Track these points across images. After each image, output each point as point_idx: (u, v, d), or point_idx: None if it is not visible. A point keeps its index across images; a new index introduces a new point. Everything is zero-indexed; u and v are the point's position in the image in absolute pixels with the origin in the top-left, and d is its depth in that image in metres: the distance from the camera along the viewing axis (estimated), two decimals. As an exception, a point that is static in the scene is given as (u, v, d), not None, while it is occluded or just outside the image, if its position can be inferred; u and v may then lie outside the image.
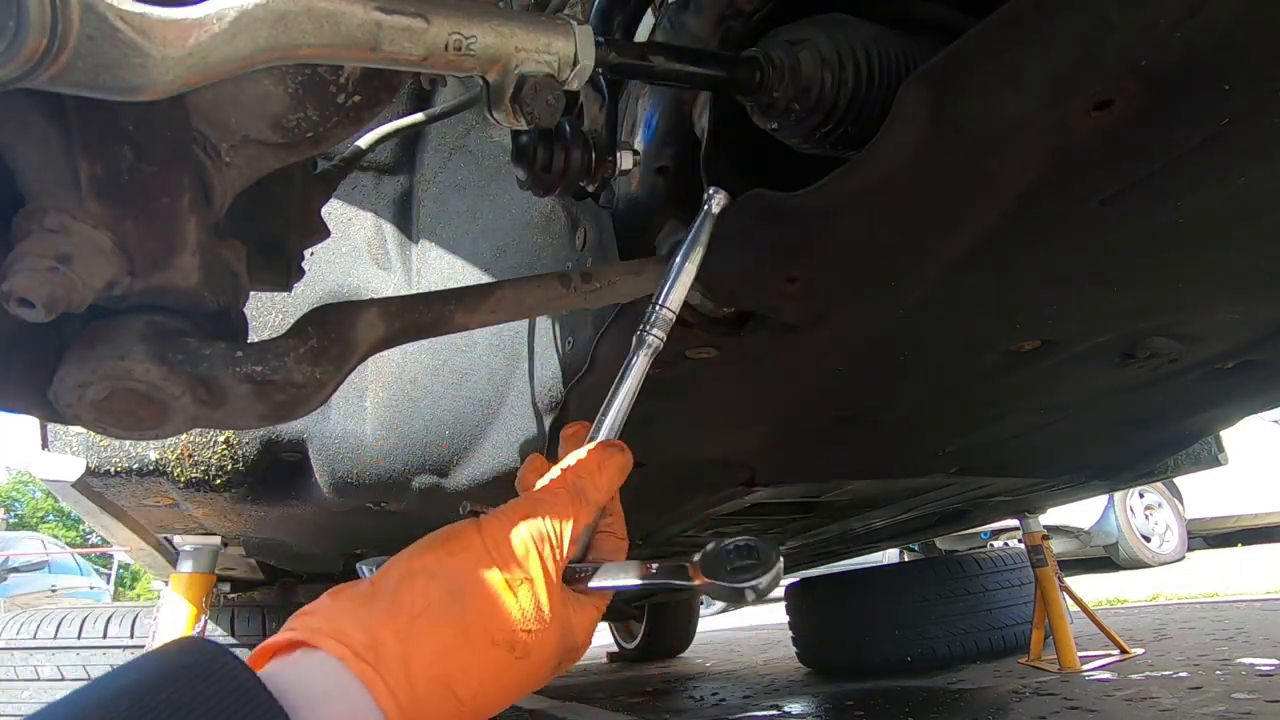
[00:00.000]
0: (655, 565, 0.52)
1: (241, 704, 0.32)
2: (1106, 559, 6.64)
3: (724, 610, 9.68)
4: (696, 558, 0.51)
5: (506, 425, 1.27)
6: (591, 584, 0.51)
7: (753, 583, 0.48)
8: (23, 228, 0.51)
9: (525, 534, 0.48)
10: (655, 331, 0.60)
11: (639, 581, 0.51)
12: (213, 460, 1.72)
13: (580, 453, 0.56)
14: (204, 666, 0.34)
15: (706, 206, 0.65)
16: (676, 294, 0.61)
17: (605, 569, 0.52)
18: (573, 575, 0.51)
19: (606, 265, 0.79)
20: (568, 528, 0.50)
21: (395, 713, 0.40)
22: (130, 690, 0.33)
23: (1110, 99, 0.59)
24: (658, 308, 0.60)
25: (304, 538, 2.14)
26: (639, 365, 0.59)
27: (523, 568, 0.47)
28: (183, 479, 1.74)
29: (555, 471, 0.55)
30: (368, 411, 1.57)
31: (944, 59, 0.57)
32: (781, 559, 0.50)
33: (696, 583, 0.50)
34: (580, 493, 0.53)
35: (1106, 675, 2.64)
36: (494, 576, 0.46)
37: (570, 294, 0.72)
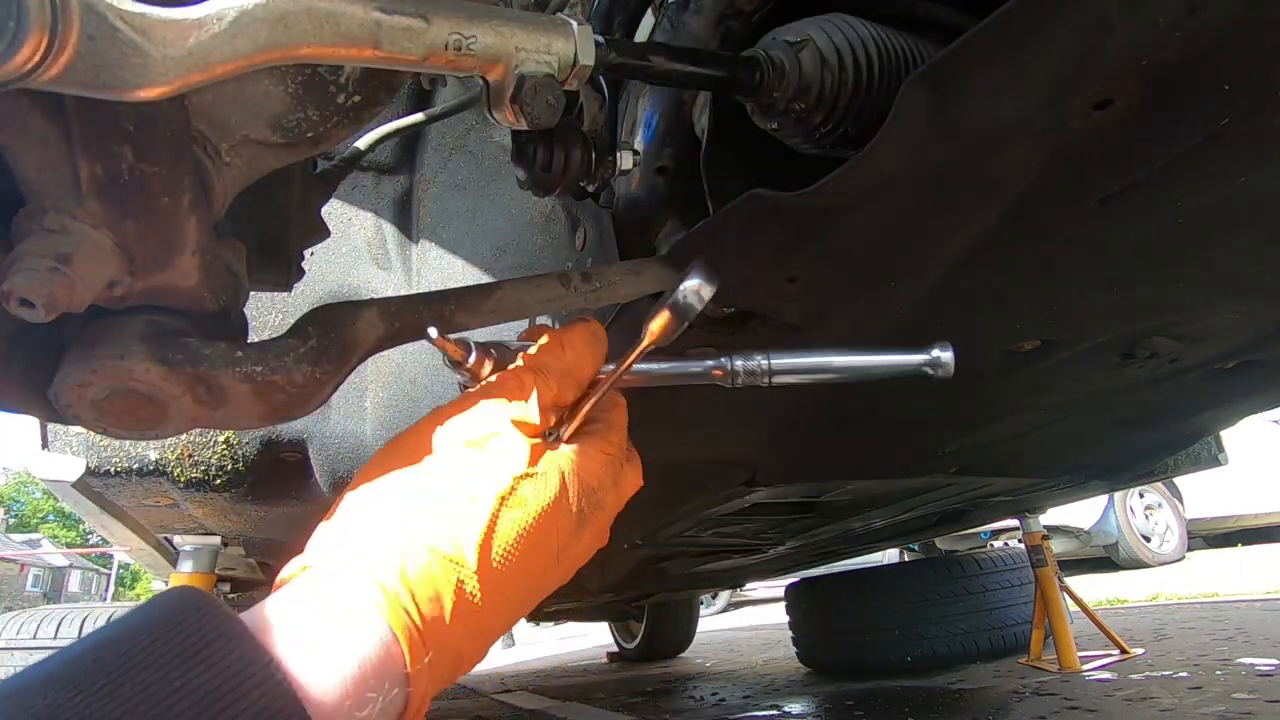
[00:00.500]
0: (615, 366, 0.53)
1: (210, 648, 0.30)
2: (1106, 559, 6.64)
3: (724, 610, 9.68)
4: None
5: (506, 425, 1.27)
6: (576, 425, 0.51)
7: (685, 290, 0.51)
8: (23, 228, 0.51)
9: (482, 403, 0.48)
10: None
11: (613, 382, 0.52)
12: (213, 460, 1.72)
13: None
14: (177, 615, 0.32)
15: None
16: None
17: (584, 404, 0.52)
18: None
19: (606, 265, 0.79)
20: (530, 399, 0.49)
21: (391, 606, 0.38)
22: (96, 646, 0.31)
23: (1110, 99, 0.59)
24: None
25: (304, 538, 2.14)
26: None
27: (485, 427, 0.46)
28: (183, 479, 1.74)
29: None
30: (368, 411, 1.57)
31: (944, 59, 0.57)
32: (702, 262, 0.52)
33: (654, 335, 0.52)
34: (541, 367, 0.51)
35: (1106, 675, 2.64)
36: (454, 438, 0.46)
37: (570, 294, 0.72)
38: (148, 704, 0.28)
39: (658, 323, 0.52)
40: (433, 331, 0.55)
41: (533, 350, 0.54)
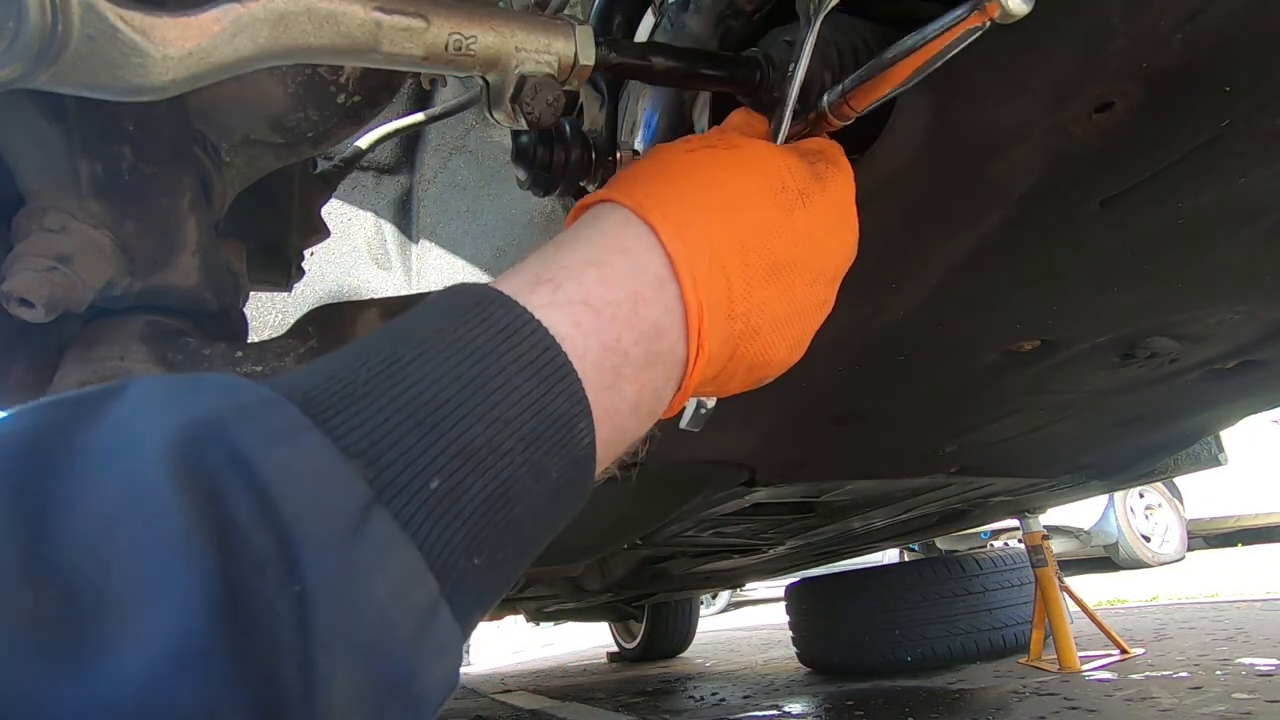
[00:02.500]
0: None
1: (513, 338, 0.33)
2: (1106, 559, 6.64)
3: (724, 610, 9.68)
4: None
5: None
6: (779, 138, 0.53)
7: None
8: (23, 228, 0.51)
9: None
10: None
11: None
12: (213, 460, 1.72)
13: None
14: (474, 304, 0.34)
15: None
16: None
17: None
18: None
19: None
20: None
21: (623, 196, 0.41)
22: (403, 332, 0.33)
23: (1111, 101, 0.59)
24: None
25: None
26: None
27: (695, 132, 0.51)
28: (183, 479, 1.74)
29: None
30: (368, 411, 1.57)
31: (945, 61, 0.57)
32: None
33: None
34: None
35: (1106, 675, 2.64)
36: (672, 141, 0.48)
37: (570, 294, 0.72)
38: (439, 347, 0.32)
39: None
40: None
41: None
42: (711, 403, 0.61)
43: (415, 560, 0.27)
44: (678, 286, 0.39)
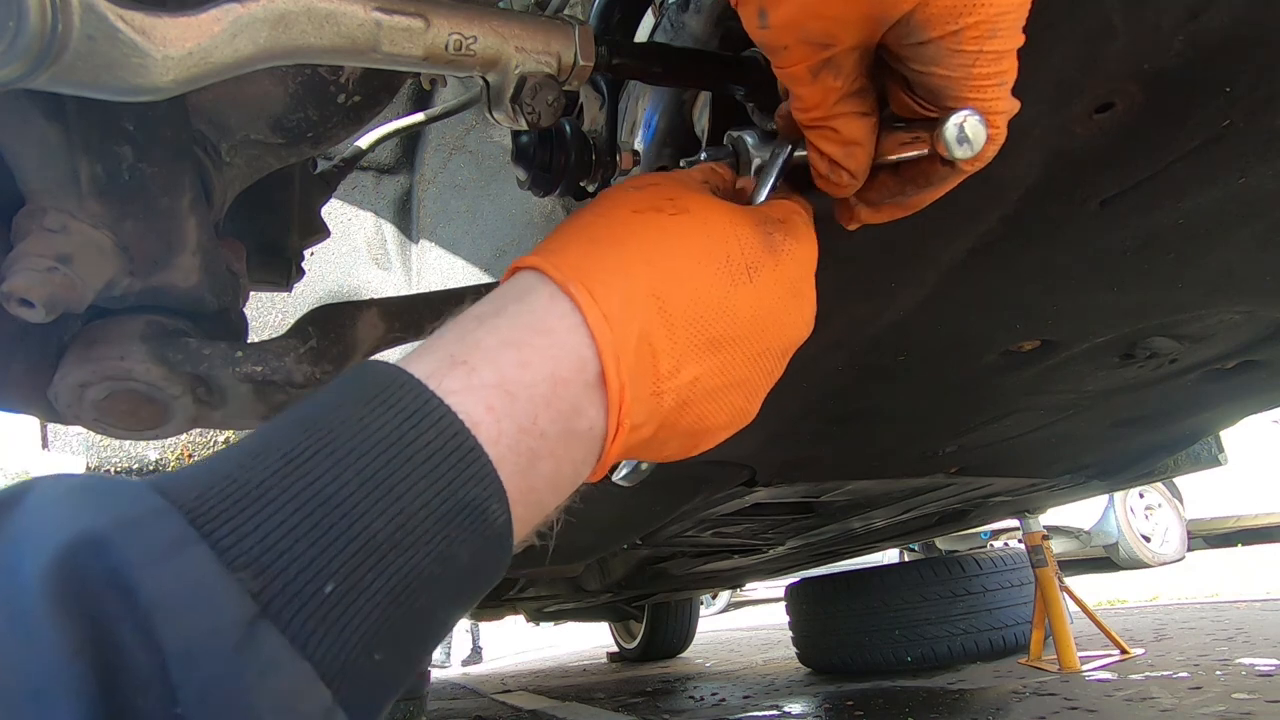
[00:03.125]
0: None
1: (420, 425, 0.33)
2: (1106, 559, 6.64)
3: (724, 610, 9.68)
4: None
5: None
6: (758, 191, 0.53)
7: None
8: (23, 228, 0.51)
9: (642, 173, 0.51)
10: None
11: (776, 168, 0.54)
12: (213, 460, 1.72)
13: None
14: (381, 389, 0.34)
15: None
16: None
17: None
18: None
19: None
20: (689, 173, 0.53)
21: (553, 270, 0.40)
22: (305, 420, 0.33)
23: (1112, 102, 0.59)
24: None
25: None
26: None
27: (644, 181, 0.49)
28: (183, 479, 1.74)
29: None
30: (368, 411, 1.57)
31: (944, 59, 0.57)
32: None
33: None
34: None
35: (1106, 675, 2.64)
36: (616, 190, 0.48)
37: (570, 294, 0.72)
38: (343, 438, 0.31)
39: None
40: None
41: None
42: (647, 465, 0.61)
43: (304, 672, 0.26)
44: (600, 366, 0.39)
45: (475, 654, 8.44)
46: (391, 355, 0.41)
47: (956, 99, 0.44)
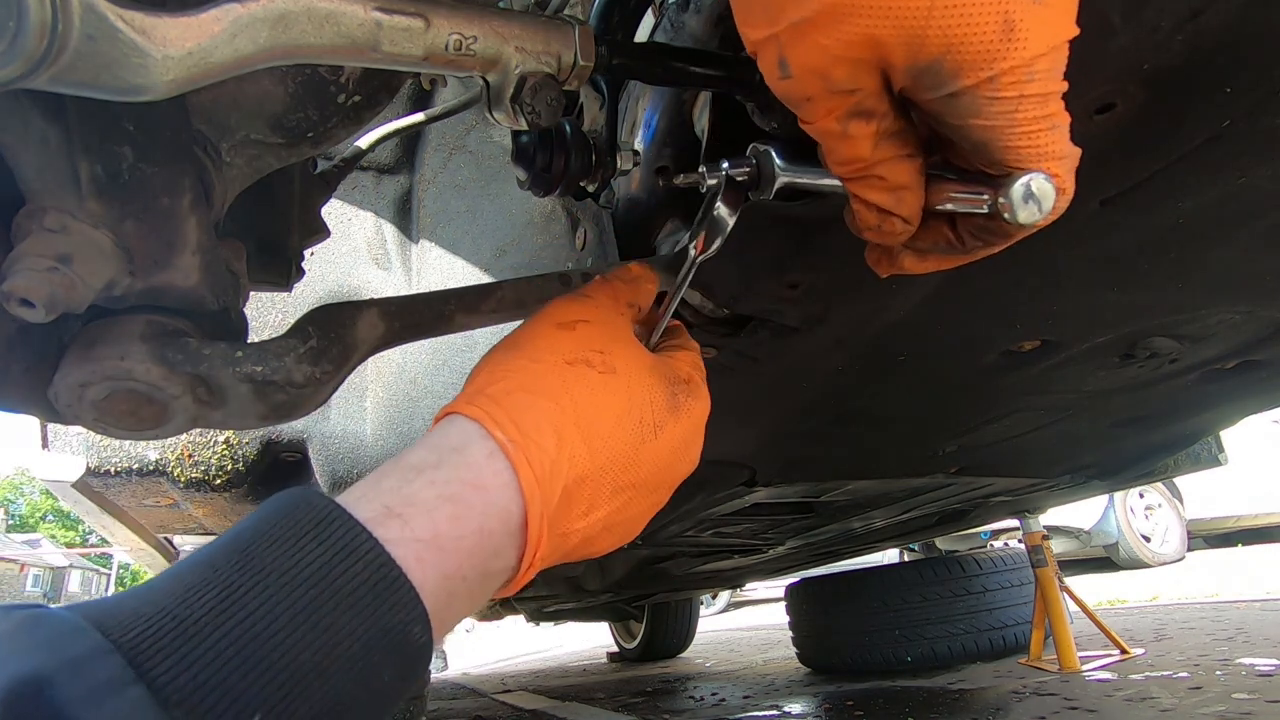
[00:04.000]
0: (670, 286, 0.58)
1: (349, 559, 0.35)
2: (1106, 559, 6.64)
3: (724, 610, 9.68)
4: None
5: (506, 425, 1.27)
6: (658, 340, 0.57)
7: (718, 209, 0.55)
8: (23, 228, 0.51)
9: (570, 297, 0.54)
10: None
11: (673, 296, 0.57)
12: (213, 460, 1.72)
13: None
14: (290, 505, 0.36)
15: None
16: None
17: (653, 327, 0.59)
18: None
19: (606, 265, 0.79)
20: (607, 291, 0.56)
21: (492, 425, 0.43)
22: (233, 533, 0.36)
23: (1112, 102, 0.59)
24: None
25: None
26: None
27: (571, 313, 0.52)
28: (183, 479, 1.74)
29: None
30: (368, 411, 1.58)
31: (944, 59, 0.57)
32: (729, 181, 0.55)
33: (699, 249, 0.56)
34: (615, 278, 0.58)
35: (1106, 675, 2.64)
36: (546, 322, 0.51)
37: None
38: (276, 573, 0.33)
39: (699, 238, 0.57)
40: None
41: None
42: None
43: None
44: (523, 519, 0.42)
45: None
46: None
47: (1007, 149, 0.42)
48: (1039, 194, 0.43)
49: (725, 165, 0.59)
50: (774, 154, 0.57)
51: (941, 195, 0.47)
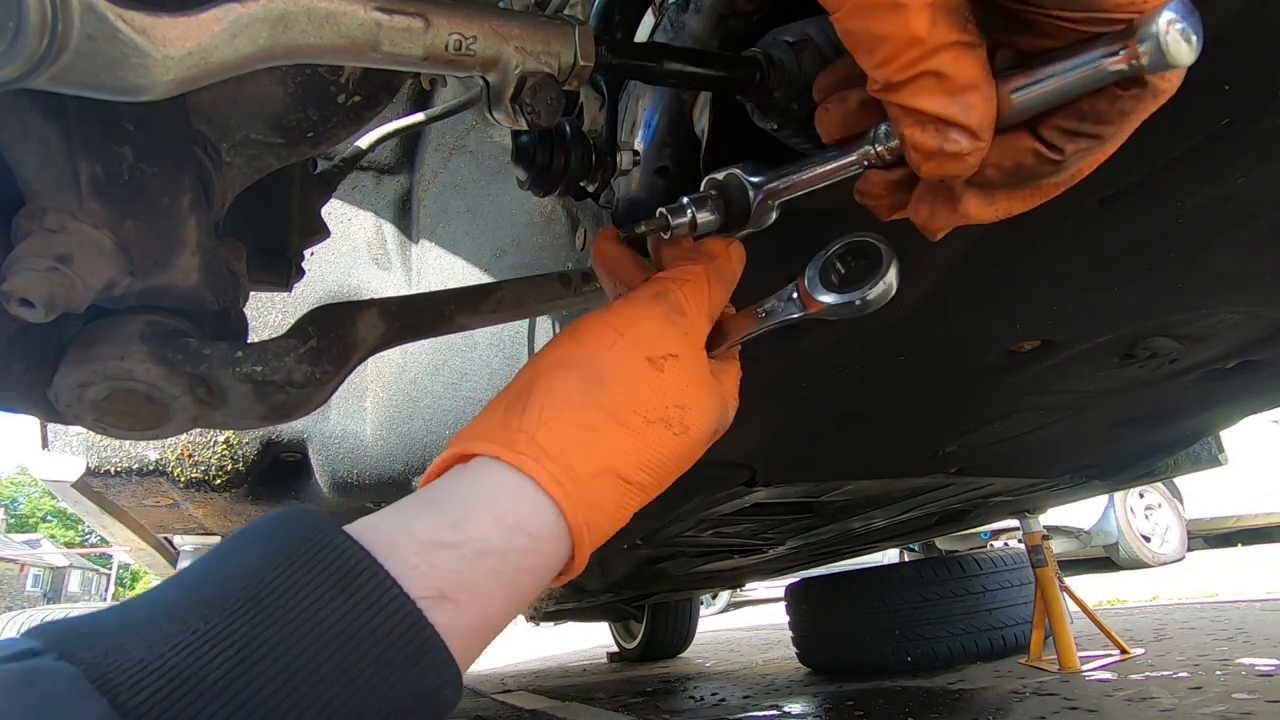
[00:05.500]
0: (765, 305, 0.51)
1: (348, 577, 0.32)
2: (1106, 559, 6.64)
3: (724, 610, 9.67)
4: (805, 279, 0.49)
5: (506, 425, 1.27)
6: (717, 350, 0.51)
7: (867, 289, 0.46)
8: (23, 228, 0.51)
9: (659, 312, 0.47)
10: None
11: (760, 327, 0.51)
12: (213, 460, 1.72)
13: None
14: (311, 542, 0.34)
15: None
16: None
17: (723, 329, 0.53)
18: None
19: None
20: (703, 301, 0.49)
21: (564, 499, 0.40)
22: (242, 571, 0.32)
23: (1110, 99, 0.58)
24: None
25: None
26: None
27: (663, 344, 0.45)
28: (183, 479, 1.74)
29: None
30: (368, 411, 1.57)
31: (944, 59, 0.57)
32: (893, 255, 0.46)
33: (811, 309, 0.48)
34: (715, 274, 0.51)
35: (1106, 675, 2.64)
36: (633, 356, 0.45)
37: (570, 294, 0.72)
38: (300, 627, 0.30)
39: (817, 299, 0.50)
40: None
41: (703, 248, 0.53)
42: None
43: None
44: (566, 565, 0.42)
45: None
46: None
47: None
48: (1186, 18, 0.33)
49: (685, 200, 0.54)
50: (742, 172, 0.54)
51: (1030, 79, 0.36)
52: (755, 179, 0.53)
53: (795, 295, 0.49)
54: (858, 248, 0.48)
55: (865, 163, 0.46)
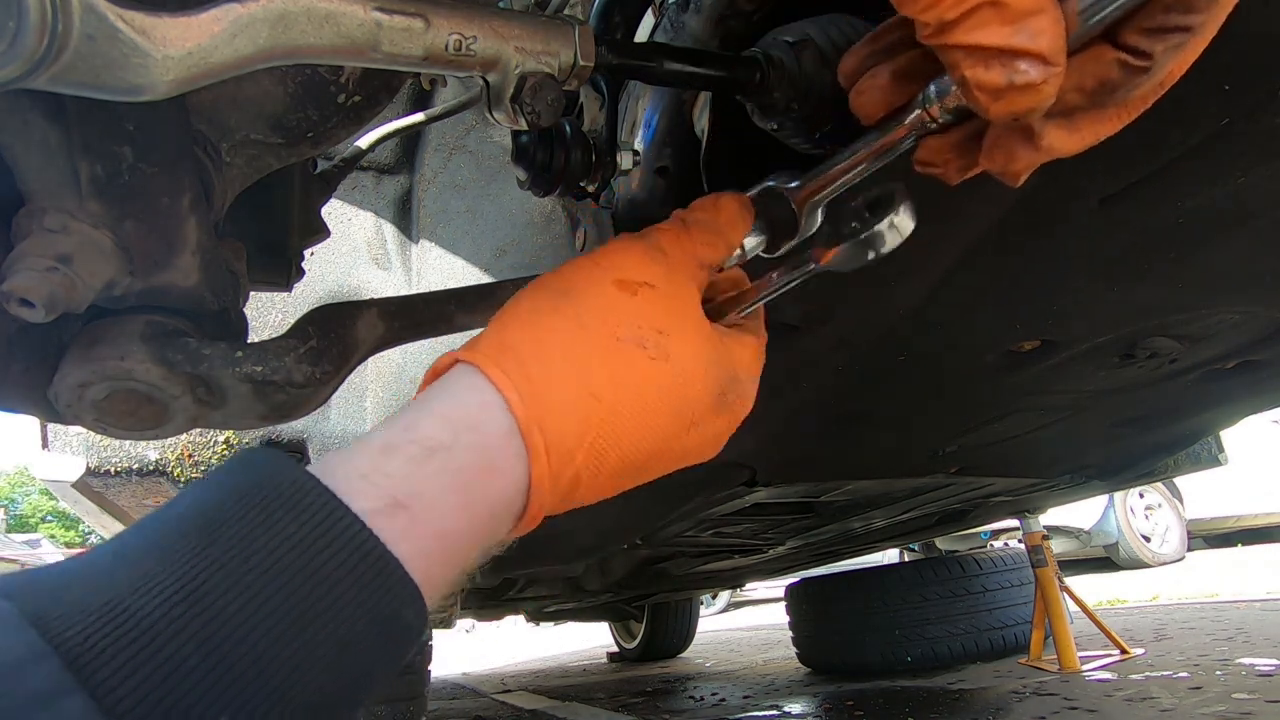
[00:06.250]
0: (779, 269, 0.48)
1: (299, 504, 0.31)
2: (1106, 559, 6.64)
3: (724, 610, 9.67)
4: (819, 236, 0.47)
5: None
6: (730, 315, 0.49)
7: (883, 222, 0.43)
8: (23, 228, 0.51)
9: (638, 247, 0.45)
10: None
11: (772, 288, 0.49)
12: (213, 460, 1.72)
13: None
14: (262, 477, 0.32)
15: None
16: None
17: (736, 297, 0.50)
18: (714, 315, 0.48)
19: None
20: (686, 246, 0.47)
21: (510, 390, 0.38)
22: (192, 507, 0.31)
23: (1110, 99, 0.58)
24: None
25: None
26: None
27: (638, 272, 0.43)
28: (183, 479, 1.74)
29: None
30: (368, 411, 1.57)
31: (944, 59, 0.57)
32: (907, 196, 0.43)
33: (826, 259, 0.46)
34: (694, 223, 0.48)
35: (1106, 675, 2.64)
36: (604, 276, 0.43)
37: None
38: (251, 559, 0.29)
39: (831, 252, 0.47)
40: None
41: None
42: None
43: None
44: (525, 504, 0.39)
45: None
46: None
47: None
48: None
49: (750, 241, 0.51)
50: (775, 182, 0.51)
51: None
52: (792, 185, 0.52)
53: (809, 252, 0.47)
54: (875, 199, 0.45)
55: (916, 132, 0.44)
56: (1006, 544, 6.13)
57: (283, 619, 0.28)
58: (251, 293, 0.77)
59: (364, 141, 1.03)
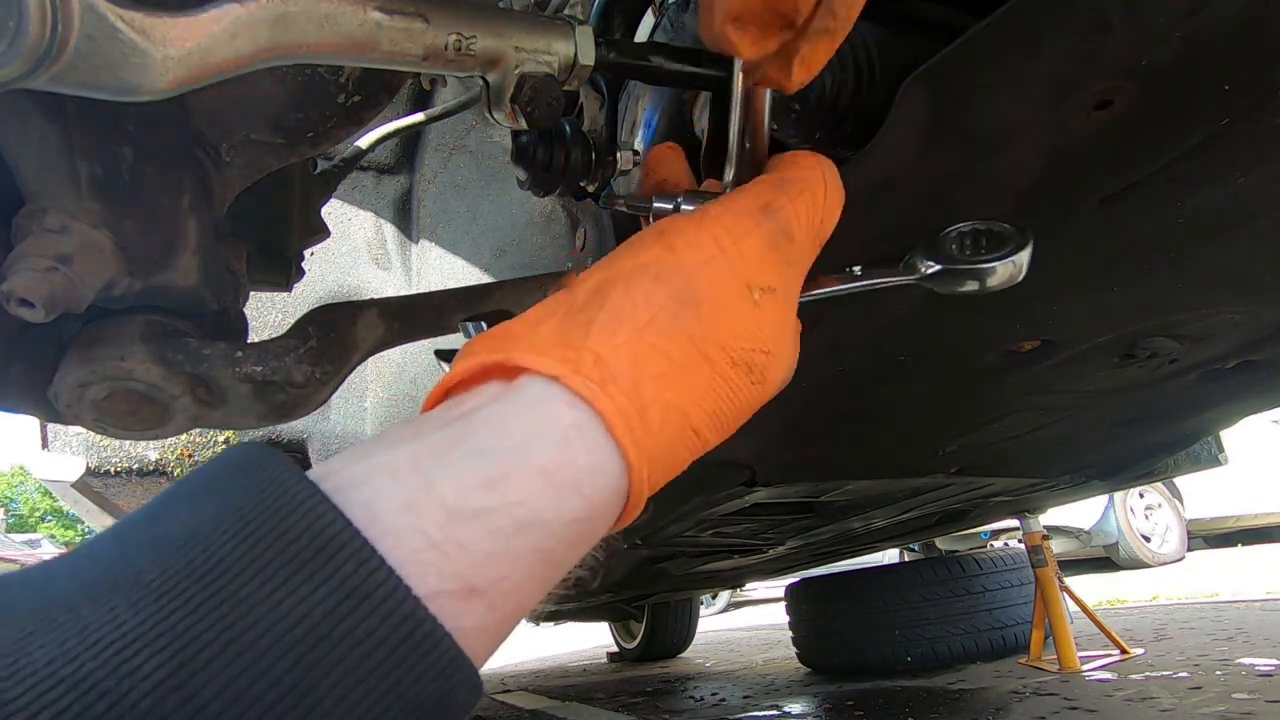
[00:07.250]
0: (860, 265, 0.45)
1: (323, 554, 0.24)
2: (1106, 559, 6.64)
3: (724, 610, 9.67)
4: (919, 247, 0.43)
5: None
6: (804, 295, 0.43)
7: (1004, 260, 0.40)
8: (23, 228, 0.51)
9: (765, 232, 0.37)
10: None
11: (853, 283, 0.44)
12: (213, 460, 1.72)
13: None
14: (275, 506, 0.24)
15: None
16: None
17: (811, 277, 0.44)
18: None
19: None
20: (814, 226, 0.39)
21: (632, 447, 0.30)
22: (188, 538, 0.24)
23: (1110, 99, 0.59)
24: None
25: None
26: None
27: (764, 273, 0.36)
28: (183, 479, 1.74)
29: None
30: (368, 411, 1.58)
31: (943, 59, 0.57)
32: (1031, 237, 0.40)
33: (925, 270, 0.42)
34: (833, 184, 0.42)
35: (1106, 675, 2.64)
36: (732, 280, 0.35)
37: (570, 294, 0.72)
38: (259, 622, 0.22)
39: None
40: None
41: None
42: None
43: None
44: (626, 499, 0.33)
45: None
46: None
47: None
48: None
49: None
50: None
51: None
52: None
53: (907, 260, 0.45)
54: (996, 233, 0.43)
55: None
56: (1006, 544, 6.13)
57: (298, 702, 0.22)
58: (251, 293, 0.77)
59: (364, 141, 1.03)
